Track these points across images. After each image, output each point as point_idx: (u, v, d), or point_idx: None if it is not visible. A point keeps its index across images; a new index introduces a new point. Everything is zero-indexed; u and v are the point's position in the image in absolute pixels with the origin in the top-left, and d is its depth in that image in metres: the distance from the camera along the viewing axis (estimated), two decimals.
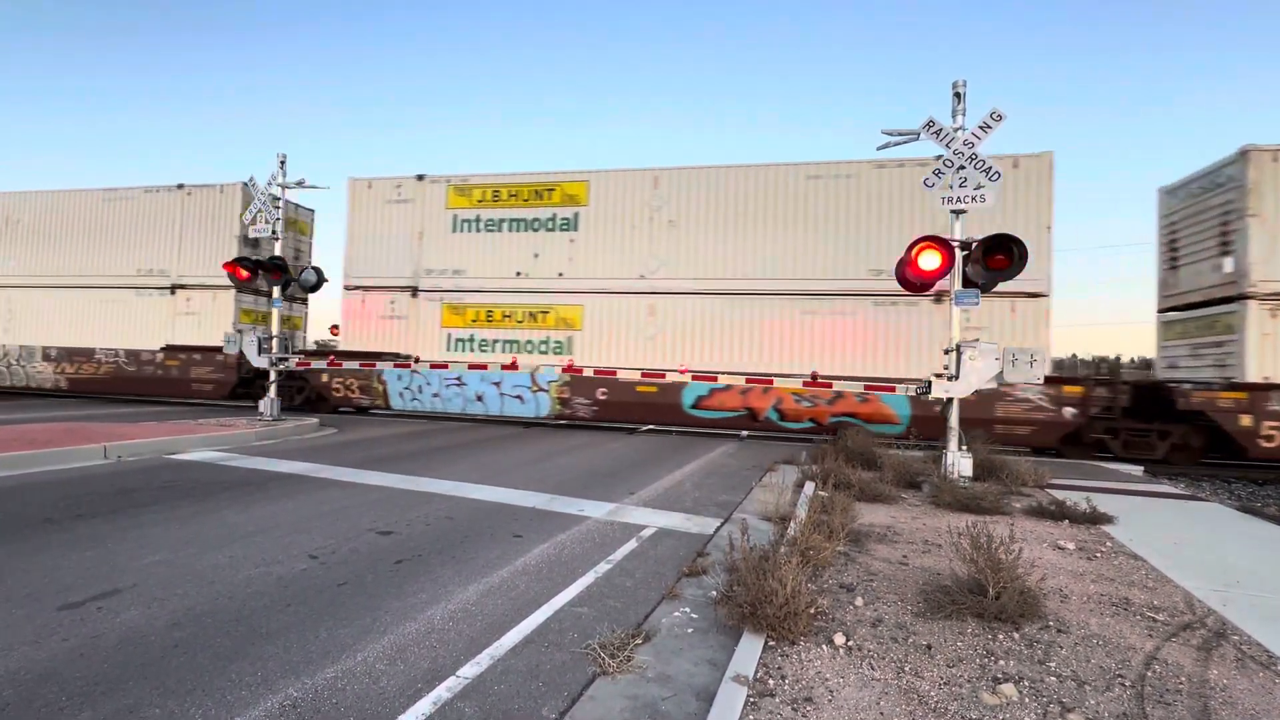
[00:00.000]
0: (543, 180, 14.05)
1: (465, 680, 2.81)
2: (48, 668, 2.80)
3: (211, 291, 15.68)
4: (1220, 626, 3.50)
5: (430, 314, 14.34)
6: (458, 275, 14.21)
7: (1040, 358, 7.65)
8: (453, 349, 14.20)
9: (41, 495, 5.91)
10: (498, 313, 14.06)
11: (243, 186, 14.78)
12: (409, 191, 14.59)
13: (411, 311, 14.43)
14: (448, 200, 14.44)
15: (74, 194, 17.08)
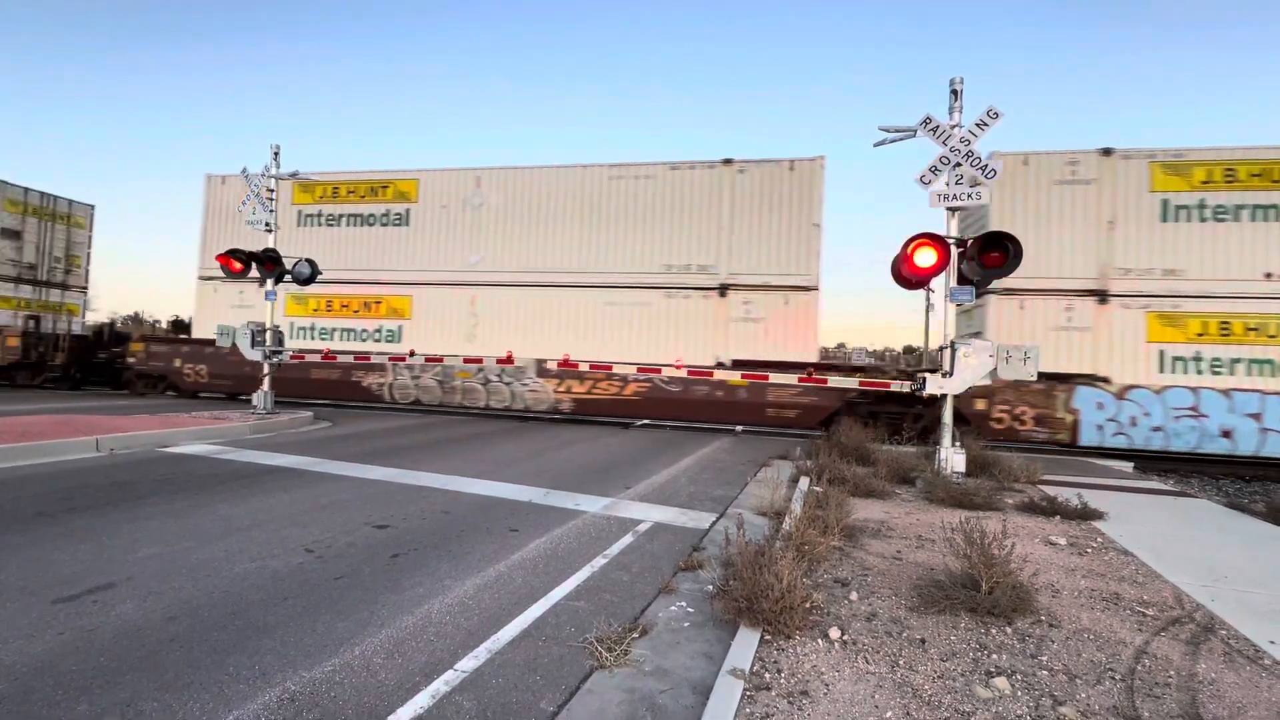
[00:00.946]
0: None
1: (463, 673, 2.83)
2: (43, 661, 2.80)
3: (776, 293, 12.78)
4: (1209, 621, 3.55)
5: None
6: None
7: (1033, 354, 7.71)
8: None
9: (33, 488, 5.87)
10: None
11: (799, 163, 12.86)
12: None
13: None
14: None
15: (564, 170, 14.17)
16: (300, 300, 15.12)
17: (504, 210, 14.36)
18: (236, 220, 14.89)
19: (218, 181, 16.01)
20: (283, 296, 14.53)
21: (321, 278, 13.68)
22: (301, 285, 12.34)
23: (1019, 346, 7.77)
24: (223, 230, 15.82)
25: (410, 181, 14.95)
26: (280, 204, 14.17)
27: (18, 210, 17.41)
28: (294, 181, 14.61)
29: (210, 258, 14.90)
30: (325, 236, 15.22)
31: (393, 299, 14.75)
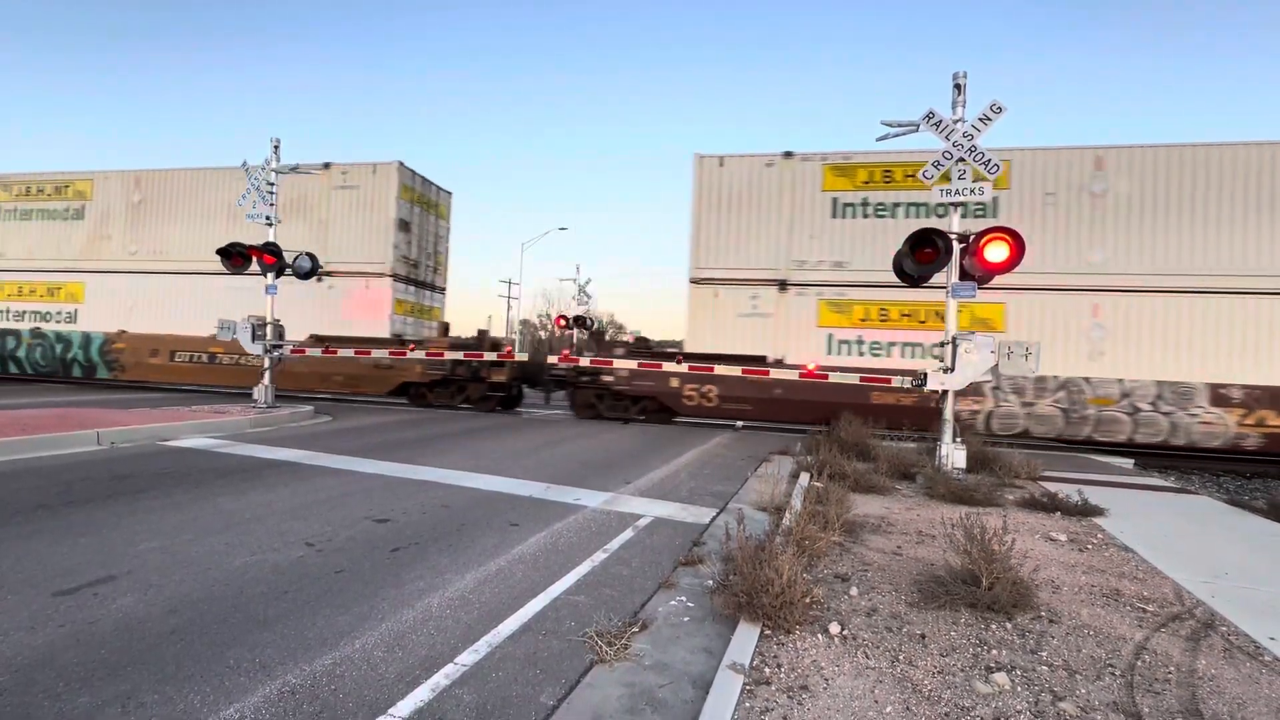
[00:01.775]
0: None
1: (463, 667, 2.83)
2: (44, 653, 2.80)
3: None
4: (1209, 617, 3.55)
5: None
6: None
7: (1034, 351, 7.69)
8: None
9: (34, 481, 5.88)
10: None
11: None
12: None
13: None
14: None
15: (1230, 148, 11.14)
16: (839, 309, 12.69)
17: None
18: None
19: None
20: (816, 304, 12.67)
21: None
22: (302, 279, 12.34)
23: (1020, 343, 7.76)
24: None
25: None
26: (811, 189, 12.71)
27: (409, 198, 15.71)
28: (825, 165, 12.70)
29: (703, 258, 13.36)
30: None
31: None
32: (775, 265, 12.87)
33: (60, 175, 17.40)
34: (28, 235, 17.35)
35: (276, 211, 12.05)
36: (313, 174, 14.33)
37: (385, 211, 15.07)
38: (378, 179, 15.15)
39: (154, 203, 16.55)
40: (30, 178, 17.61)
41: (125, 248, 16.54)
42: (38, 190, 17.42)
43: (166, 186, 16.52)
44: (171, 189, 16.48)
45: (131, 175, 16.71)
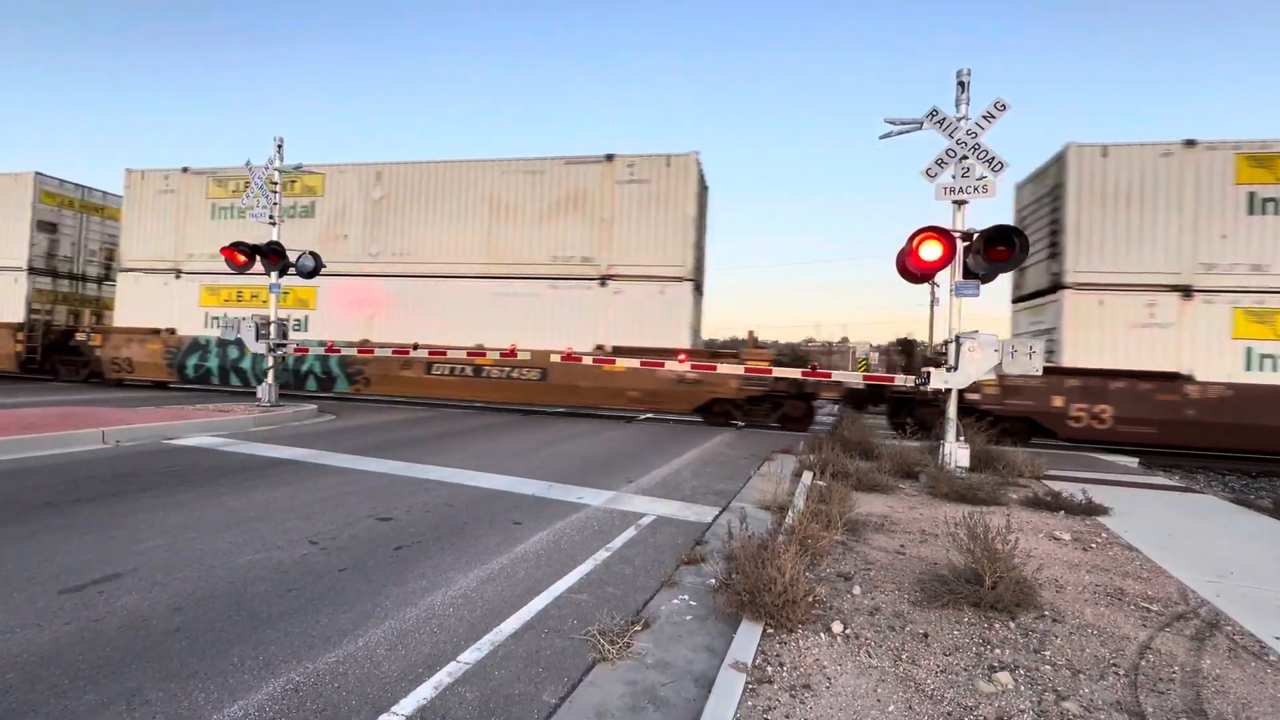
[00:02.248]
0: None
1: (466, 665, 2.84)
2: (50, 651, 2.81)
3: None
4: (1213, 617, 3.54)
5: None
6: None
7: (1038, 349, 7.67)
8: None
9: (40, 479, 5.91)
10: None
11: None
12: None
13: None
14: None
15: None
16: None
17: None
18: None
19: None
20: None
21: None
22: (306, 278, 12.37)
23: (1024, 341, 7.73)
24: None
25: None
26: None
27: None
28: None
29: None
30: None
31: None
32: (1177, 269, 11.25)
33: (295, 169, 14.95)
34: (247, 235, 14.73)
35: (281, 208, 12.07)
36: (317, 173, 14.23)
37: (683, 208, 13.21)
38: (673, 172, 13.28)
39: (399, 199, 14.77)
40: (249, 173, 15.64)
41: (365, 248, 14.82)
42: None
43: (414, 181, 14.72)
44: (420, 183, 14.68)
45: (371, 169, 14.92)
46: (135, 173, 16.67)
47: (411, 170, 14.79)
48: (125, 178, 16.73)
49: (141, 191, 16.52)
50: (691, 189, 13.20)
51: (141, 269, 16.41)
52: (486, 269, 14.15)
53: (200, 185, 16.10)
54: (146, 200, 16.46)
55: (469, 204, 14.34)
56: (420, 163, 14.82)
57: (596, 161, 13.64)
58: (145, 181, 16.51)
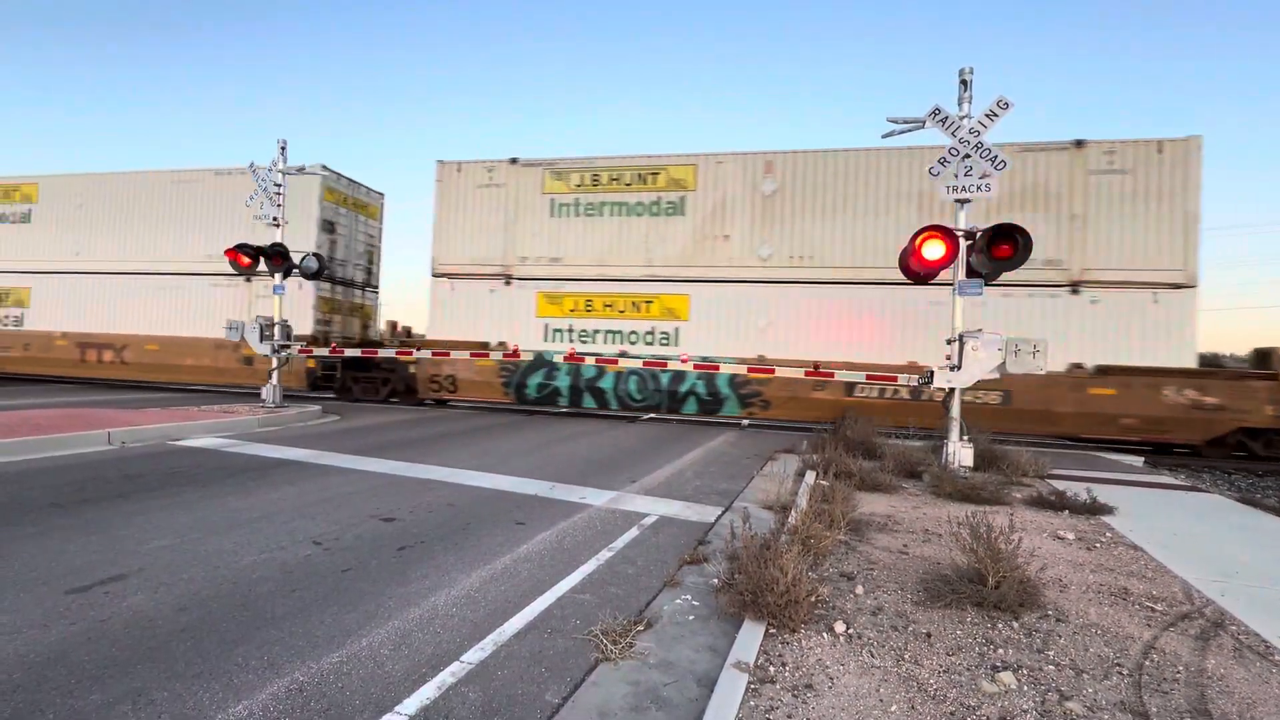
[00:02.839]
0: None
1: (469, 665, 2.84)
2: (56, 650, 2.84)
3: None
4: (1218, 616, 3.52)
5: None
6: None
7: (1042, 348, 7.64)
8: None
9: (47, 480, 5.95)
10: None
11: None
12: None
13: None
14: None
15: None
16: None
17: None
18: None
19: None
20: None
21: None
22: (309, 279, 12.40)
23: (1028, 340, 7.70)
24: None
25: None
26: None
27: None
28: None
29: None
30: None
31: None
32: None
33: (647, 160, 13.28)
34: (593, 235, 13.59)
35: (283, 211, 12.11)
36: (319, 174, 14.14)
37: (1181, 203, 11.09)
38: (1165, 160, 11.11)
39: (792, 192, 12.69)
40: (600, 164, 13.51)
41: (753, 250, 12.72)
42: (611, 179, 13.43)
43: (812, 171, 12.64)
44: (818, 174, 12.61)
45: (760, 158, 12.79)
46: (449, 164, 14.42)
47: (809, 160, 12.80)
48: (437, 170, 14.40)
49: (459, 186, 14.26)
50: (1193, 179, 11.08)
51: (461, 274, 14.14)
52: None
53: (534, 178, 14.05)
54: (465, 196, 14.26)
55: (884, 198, 12.26)
56: (819, 151, 12.81)
57: (1062, 149, 11.58)
58: (463, 175, 14.27)
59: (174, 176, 15.95)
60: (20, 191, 17.20)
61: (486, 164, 14.21)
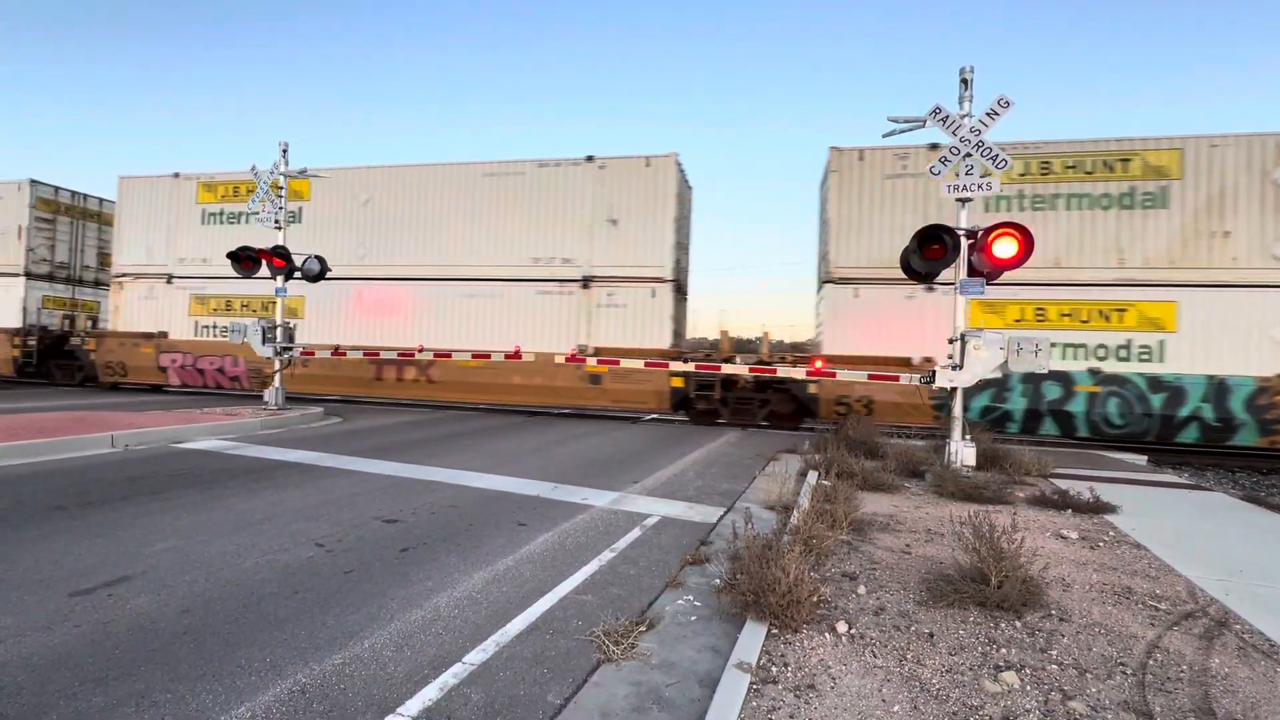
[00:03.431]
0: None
1: (471, 666, 2.85)
2: (60, 653, 2.84)
3: None
4: (1222, 615, 3.51)
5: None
6: None
7: (1043, 347, 7.62)
8: None
9: (51, 483, 5.96)
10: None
11: None
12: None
13: None
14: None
15: None
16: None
17: None
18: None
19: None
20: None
21: None
22: (311, 282, 12.43)
23: (1030, 339, 7.69)
24: None
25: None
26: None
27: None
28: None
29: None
30: None
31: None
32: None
33: (1116, 145, 11.37)
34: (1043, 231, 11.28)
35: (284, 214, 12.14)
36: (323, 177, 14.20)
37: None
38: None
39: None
40: (1050, 149, 11.59)
41: (1266, 249, 10.91)
42: (1067, 167, 11.56)
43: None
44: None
45: (1272, 139, 10.93)
46: (848, 152, 13.26)
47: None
48: (832, 159, 13.06)
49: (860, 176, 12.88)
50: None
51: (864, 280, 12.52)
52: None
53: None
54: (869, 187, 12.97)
55: None
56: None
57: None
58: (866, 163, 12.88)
59: (485, 169, 14.47)
60: None
61: (898, 150, 12.19)
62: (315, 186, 14.92)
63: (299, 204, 14.89)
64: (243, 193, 15.31)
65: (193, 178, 16.14)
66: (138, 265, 16.42)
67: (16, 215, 17.31)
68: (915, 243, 7.73)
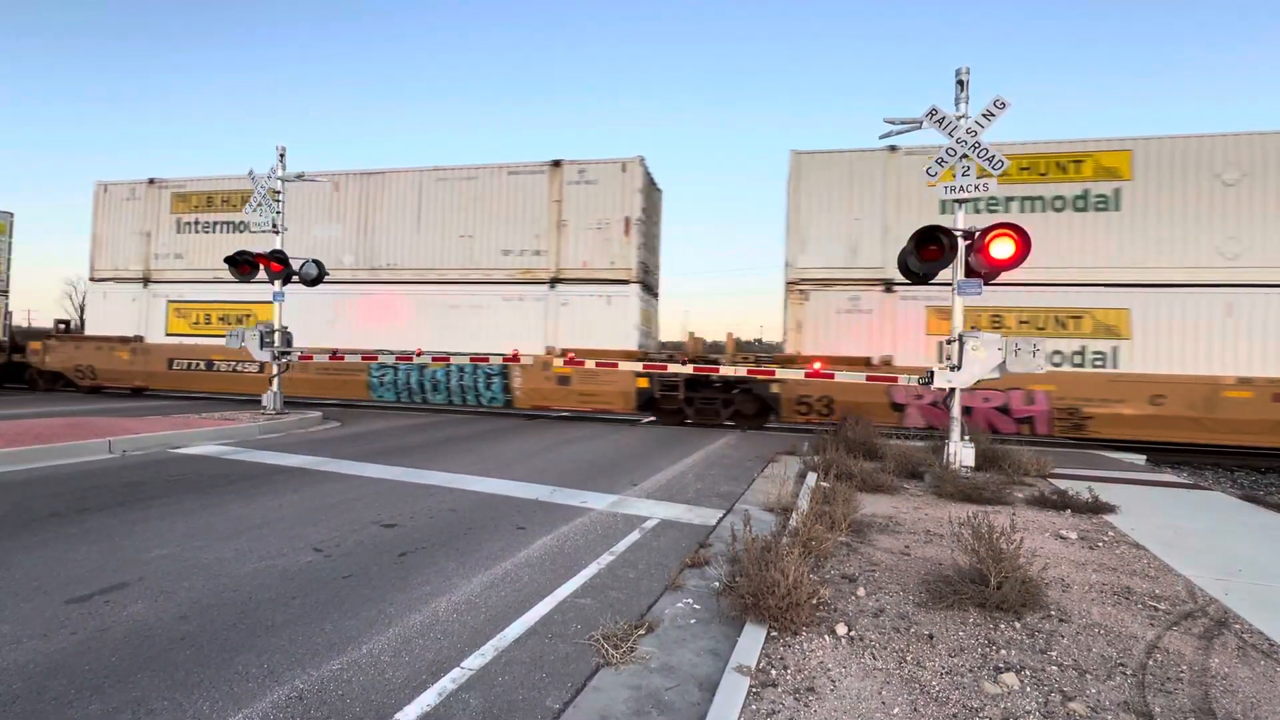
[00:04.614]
0: None
1: (470, 671, 2.84)
2: (56, 660, 2.83)
3: None
4: (1222, 615, 3.51)
5: None
6: None
7: (1041, 348, 7.63)
8: None
9: (48, 489, 5.95)
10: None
11: None
12: None
13: None
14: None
15: None
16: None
17: None
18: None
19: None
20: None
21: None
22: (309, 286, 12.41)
23: (1028, 340, 7.69)
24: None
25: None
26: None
27: None
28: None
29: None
30: None
31: None
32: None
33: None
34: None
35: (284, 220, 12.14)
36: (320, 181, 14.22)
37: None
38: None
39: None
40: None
41: None
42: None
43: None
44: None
45: None
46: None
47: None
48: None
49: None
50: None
51: None
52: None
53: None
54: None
55: None
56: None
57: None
58: None
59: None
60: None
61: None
62: None
63: None
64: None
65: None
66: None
67: None
68: (912, 244, 7.73)
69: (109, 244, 16.96)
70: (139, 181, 16.84)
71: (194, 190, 16.38)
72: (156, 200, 16.64)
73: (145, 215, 16.64)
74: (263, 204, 11.99)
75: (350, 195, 15.16)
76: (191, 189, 16.39)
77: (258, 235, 13.49)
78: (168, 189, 16.58)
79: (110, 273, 16.93)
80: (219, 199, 16.11)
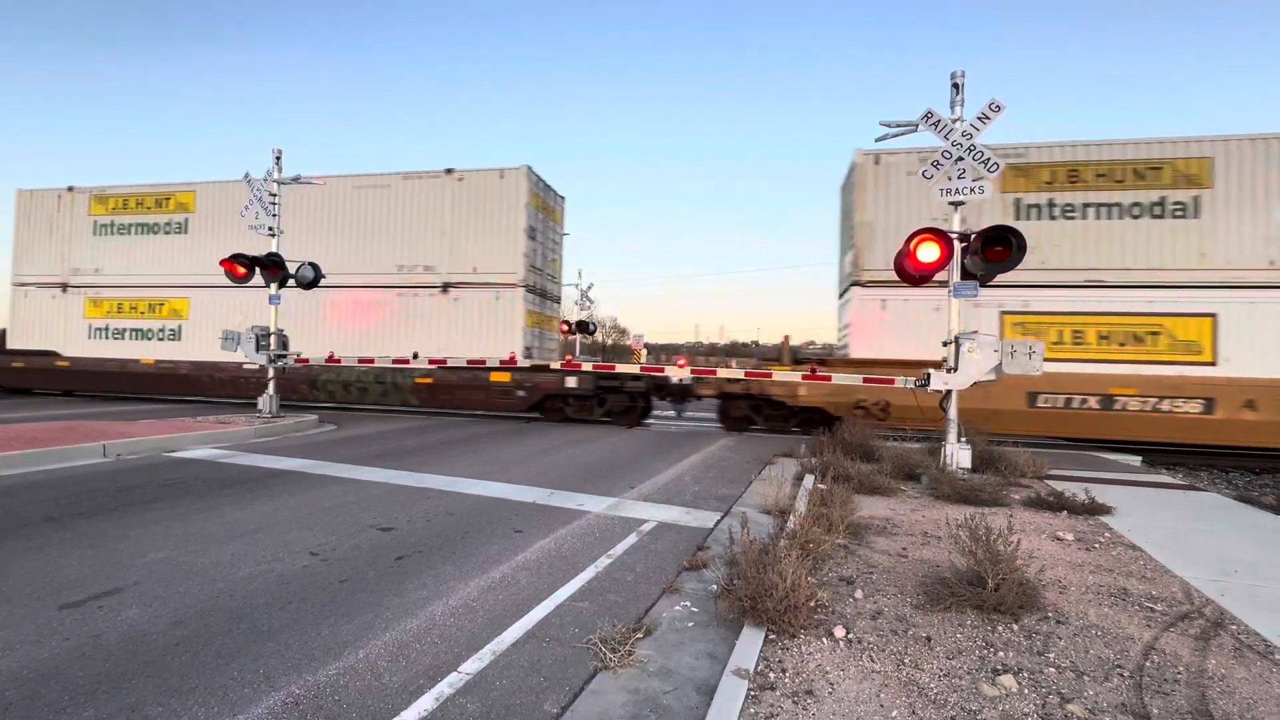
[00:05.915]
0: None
1: (467, 676, 2.82)
2: (50, 667, 2.81)
3: None
4: (1218, 616, 3.52)
5: None
6: None
7: (1038, 350, 7.65)
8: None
9: (42, 494, 5.91)
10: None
11: None
12: None
13: None
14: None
15: None
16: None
17: None
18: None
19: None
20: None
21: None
22: (305, 289, 12.38)
23: (1024, 341, 7.72)
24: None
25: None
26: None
27: None
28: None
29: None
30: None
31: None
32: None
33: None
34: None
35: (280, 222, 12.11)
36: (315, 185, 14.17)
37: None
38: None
39: None
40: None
41: None
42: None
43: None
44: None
45: None
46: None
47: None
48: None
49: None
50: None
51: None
52: None
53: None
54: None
55: None
56: None
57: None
58: None
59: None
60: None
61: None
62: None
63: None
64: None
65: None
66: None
67: None
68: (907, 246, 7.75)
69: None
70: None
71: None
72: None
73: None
74: (258, 207, 11.96)
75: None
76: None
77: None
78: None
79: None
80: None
